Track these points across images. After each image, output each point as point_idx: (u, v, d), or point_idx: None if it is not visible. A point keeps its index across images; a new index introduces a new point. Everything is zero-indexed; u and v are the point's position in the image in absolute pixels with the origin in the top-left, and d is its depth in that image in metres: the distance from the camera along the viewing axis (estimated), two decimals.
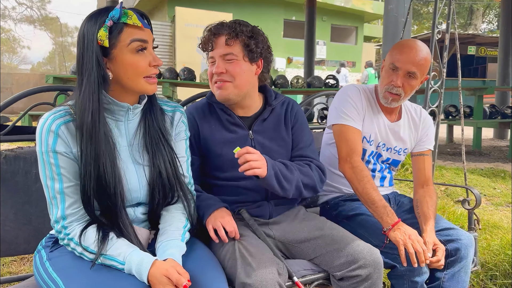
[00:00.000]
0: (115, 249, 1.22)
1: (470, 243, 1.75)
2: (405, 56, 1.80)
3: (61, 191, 1.23)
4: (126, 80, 1.27)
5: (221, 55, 1.57)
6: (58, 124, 1.21)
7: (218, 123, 1.65)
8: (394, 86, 1.83)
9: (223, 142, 1.62)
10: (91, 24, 1.23)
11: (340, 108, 1.90)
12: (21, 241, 1.62)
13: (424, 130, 2.05)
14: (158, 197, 1.35)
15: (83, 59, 1.23)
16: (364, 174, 1.79)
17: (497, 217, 3.94)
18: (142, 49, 1.27)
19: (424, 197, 1.89)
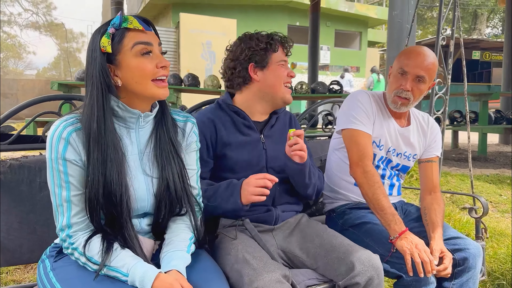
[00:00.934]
0: (119, 260, 1.21)
1: (478, 252, 1.73)
2: (413, 61, 1.83)
3: (68, 199, 1.23)
4: (134, 85, 1.27)
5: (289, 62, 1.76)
6: (69, 132, 1.21)
7: (232, 126, 1.70)
8: (404, 90, 1.84)
9: (238, 144, 1.67)
10: (95, 36, 1.26)
11: (350, 113, 1.90)
12: (25, 250, 1.61)
13: (432, 137, 2.05)
14: (164, 210, 1.35)
15: (90, 69, 1.25)
16: (376, 179, 1.78)
17: (503, 225, 3.90)
18: (147, 52, 1.27)
19: (432, 204, 1.88)
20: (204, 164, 1.62)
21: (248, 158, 1.65)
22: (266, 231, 1.68)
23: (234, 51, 1.72)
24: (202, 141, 1.61)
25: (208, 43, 13.87)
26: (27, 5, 29.31)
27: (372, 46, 23.54)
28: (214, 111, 1.72)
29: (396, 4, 6.22)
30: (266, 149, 1.71)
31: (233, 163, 1.65)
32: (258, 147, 1.70)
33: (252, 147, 1.68)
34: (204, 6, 16.20)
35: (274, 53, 1.69)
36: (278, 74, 1.69)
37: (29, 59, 38.66)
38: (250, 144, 1.68)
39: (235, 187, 1.53)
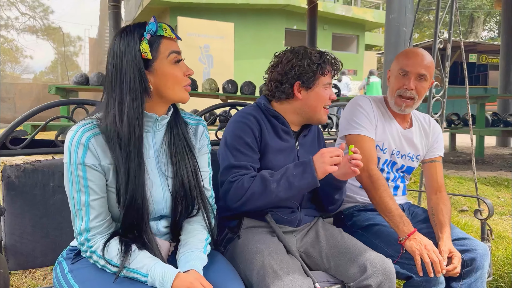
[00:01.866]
0: (138, 261, 1.23)
1: (486, 253, 1.75)
2: (413, 60, 1.88)
3: (87, 204, 1.25)
4: (166, 91, 1.32)
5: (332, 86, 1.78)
6: (88, 137, 1.23)
7: (272, 129, 1.70)
8: (407, 90, 1.88)
9: (277, 149, 1.68)
10: (128, 40, 1.26)
11: (352, 119, 1.93)
12: (38, 254, 1.63)
13: (434, 137, 2.09)
14: (181, 207, 1.37)
15: (121, 73, 1.25)
16: (381, 182, 1.81)
17: (501, 227, 3.93)
18: (178, 60, 1.32)
19: (438, 205, 1.91)
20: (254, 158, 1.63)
21: (283, 164, 1.64)
22: (288, 232, 1.71)
23: (284, 64, 1.69)
24: (252, 136, 1.62)
25: (206, 47, 13.89)
26: (24, 9, 29.27)
27: (370, 50, 23.59)
28: (256, 111, 1.71)
29: (393, 7, 6.27)
30: (299, 156, 1.74)
31: (270, 166, 1.65)
32: (293, 153, 1.72)
33: (288, 153, 1.70)
34: (201, 10, 16.23)
35: (323, 76, 1.69)
36: (321, 97, 1.69)
37: (26, 63, 38.48)
38: (287, 150, 1.70)
39: (306, 164, 1.52)
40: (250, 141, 1.61)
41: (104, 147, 1.25)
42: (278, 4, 17.81)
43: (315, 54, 1.68)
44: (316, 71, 1.66)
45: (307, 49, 1.70)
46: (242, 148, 1.60)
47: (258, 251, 1.50)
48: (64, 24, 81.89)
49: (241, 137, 1.61)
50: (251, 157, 1.61)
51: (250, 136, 1.62)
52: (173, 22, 15.01)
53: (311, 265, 1.69)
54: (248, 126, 1.63)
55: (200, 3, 16.33)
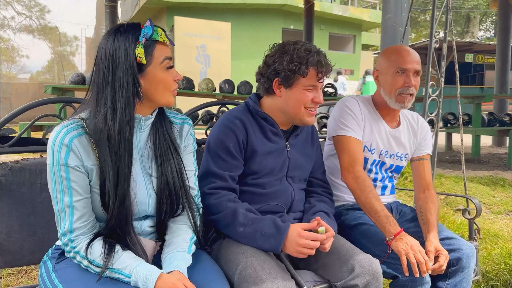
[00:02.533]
0: (121, 262, 1.23)
1: (472, 253, 1.76)
2: (408, 58, 1.88)
3: (70, 205, 1.24)
4: (155, 95, 1.31)
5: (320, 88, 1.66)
6: (71, 138, 1.22)
7: (260, 132, 1.66)
8: (409, 87, 1.88)
9: (265, 152, 1.64)
10: (122, 40, 1.24)
11: (339, 120, 1.93)
12: (26, 252, 1.62)
13: (422, 135, 2.08)
14: (166, 206, 1.37)
15: (114, 73, 1.24)
16: (367, 183, 1.80)
17: (497, 226, 3.93)
18: (170, 66, 1.32)
19: (427, 203, 1.91)
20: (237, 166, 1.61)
21: (272, 166, 1.64)
22: None
23: (269, 57, 1.64)
24: (235, 144, 1.59)
25: (202, 47, 13.89)
26: (20, 8, 29.23)
27: (366, 49, 23.64)
28: (244, 114, 1.67)
29: (390, 7, 6.28)
30: (289, 158, 1.71)
31: (257, 169, 1.64)
32: (283, 155, 1.69)
33: (277, 155, 1.67)
34: (198, 10, 16.22)
35: (302, 77, 1.58)
36: (300, 98, 1.60)
37: (22, 63, 38.47)
38: (276, 152, 1.67)
39: (279, 232, 1.46)
40: (232, 147, 1.58)
41: (87, 148, 1.24)
42: (275, 4, 17.83)
43: (300, 52, 1.57)
44: (294, 70, 1.56)
45: (296, 45, 1.60)
46: (223, 154, 1.58)
47: (242, 251, 1.48)
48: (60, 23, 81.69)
49: (223, 142, 1.58)
50: (230, 164, 1.58)
51: (233, 142, 1.58)
52: (170, 22, 15.01)
53: (300, 264, 1.67)
54: (232, 131, 1.59)
55: (197, 3, 16.33)
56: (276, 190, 1.67)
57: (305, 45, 1.60)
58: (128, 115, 1.24)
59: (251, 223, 1.49)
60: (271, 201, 1.67)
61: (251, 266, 1.41)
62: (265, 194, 1.66)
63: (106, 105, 1.24)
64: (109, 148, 1.22)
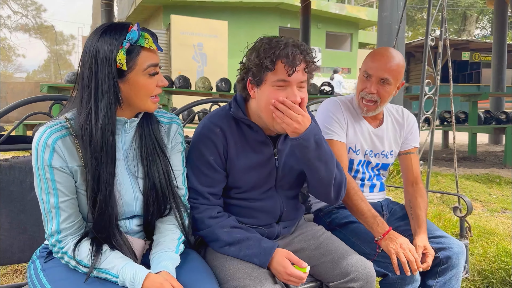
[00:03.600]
0: (109, 262, 1.22)
1: (461, 251, 1.76)
2: (376, 63, 1.84)
3: (56, 205, 1.23)
4: (135, 100, 1.29)
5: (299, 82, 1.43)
6: (55, 139, 1.20)
7: (244, 142, 1.53)
8: (368, 93, 1.85)
9: (249, 166, 1.53)
10: (106, 42, 1.21)
11: (323, 124, 1.90)
12: (16, 250, 1.61)
13: (409, 129, 2.06)
14: (153, 207, 1.35)
15: (96, 76, 1.21)
16: (351, 185, 1.79)
17: (492, 223, 3.94)
18: (155, 73, 1.29)
19: (416, 198, 1.91)
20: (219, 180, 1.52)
21: (255, 180, 1.54)
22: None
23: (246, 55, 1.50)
24: (215, 154, 1.49)
25: (199, 45, 13.86)
26: (16, 7, 29.12)
27: (363, 48, 23.64)
28: (225, 120, 1.52)
29: (386, 5, 6.27)
30: (278, 166, 1.57)
31: (242, 182, 1.55)
32: (269, 165, 1.55)
33: (262, 166, 1.54)
34: (195, 8, 16.18)
35: (269, 72, 1.40)
36: (269, 97, 1.40)
37: (18, 62, 38.35)
38: (261, 164, 1.54)
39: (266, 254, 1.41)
40: (213, 159, 1.49)
41: (71, 149, 1.23)
42: (271, 2, 17.81)
43: (267, 46, 1.41)
44: (259, 65, 1.40)
45: (264, 39, 1.46)
46: (203, 168, 1.49)
47: (229, 259, 1.46)
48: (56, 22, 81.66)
49: (204, 155, 1.49)
50: (212, 178, 1.50)
51: (213, 154, 1.49)
52: (166, 20, 14.97)
53: None
54: (212, 142, 1.48)
55: (193, 1, 16.30)
56: (262, 205, 1.58)
57: (275, 39, 1.45)
58: (110, 120, 1.23)
59: (236, 242, 1.44)
60: (258, 215, 1.59)
61: (239, 275, 1.39)
62: (252, 208, 1.58)
63: (88, 106, 1.22)
64: (90, 152, 1.21)
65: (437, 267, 1.73)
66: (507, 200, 4.93)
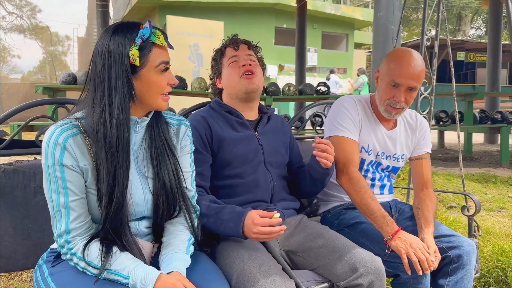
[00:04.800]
0: (119, 263, 1.21)
1: (472, 249, 1.75)
2: (405, 72, 1.79)
3: (66, 205, 1.22)
4: (147, 97, 1.30)
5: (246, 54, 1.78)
6: (66, 137, 1.20)
7: (226, 124, 1.75)
8: (397, 102, 1.84)
9: (233, 140, 1.71)
10: (118, 40, 1.23)
11: (336, 120, 1.91)
12: (20, 256, 1.60)
13: (421, 134, 2.06)
14: (162, 208, 1.36)
15: (109, 73, 1.22)
16: (361, 184, 1.80)
17: (489, 223, 3.97)
18: (166, 69, 1.30)
19: (424, 200, 1.91)
20: (203, 159, 1.65)
21: (244, 152, 1.69)
22: None
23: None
24: (198, 138, 1.65)
25: (195, 46, 13.84)
26: (11, 8, 28.92)
27: (359, 48, 23.69)
28: (206, 111, 1.78)
29: (381, 5, 6.29)
30: (262, 144, 1.76)
31: (230, 158, 1.68)
32: (254, 142, 1.75)
33: (247, 142, 1.73)
34: (190, 9, 16.16)
35: (222, 58, 1.80)
36: (229, 73, 1.77)
37: (13, 63, 38.04)
38: (246, 139, 1.73)
39: (238, 217, 1.47)
40: (198, 146, 1.64)
41: (82, 148, 1.23)
42: (267, 2, 17.81)
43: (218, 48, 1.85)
44: (215, 59, 1.84)
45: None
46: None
47: (237, 255, 1.48)
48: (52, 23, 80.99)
49: None
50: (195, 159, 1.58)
51: (196, 137, 1.64)
52: (162, 21, 14.95)
53: (299, 264, 1.67)
54: (194, 127, 1.65)
55: (189, 2, 16.28)
56: (254, 178, 1.70)
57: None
58: (125, 116, 1.24)
59: (213, 213, 1.52)
60: (252, 189, 1.69)
61: (248, 269, 1.41)
62: (244, 184, 1.68)
63: (102, 103, 1.23)
64: (105, 148, 1.21)
65: (448, 266, 1.72)
66: (503, 199, 4.96)
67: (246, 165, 1.70)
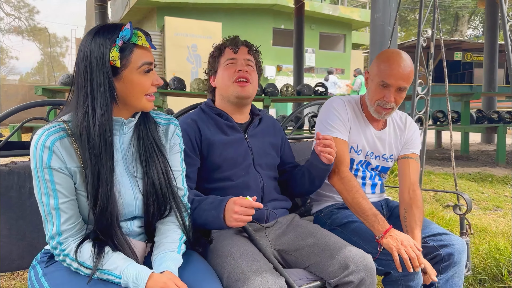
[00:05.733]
0: (111, 263, 1.23)
1: (463, 248, 1.77)
2: (395, 72, 1.82)
3: (57, 207, 1.23)
4: (130, 98, 1.30)
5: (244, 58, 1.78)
6: (53, 141, 1.21)
7: (216, 127, 1.76)
8: (387, 102, 1.86)
9: (222, 143, 1.72)
10: (99, 41, 1.23)
11: (326, 121, 1.93)
12: (15, 256, 1.61)
13: (409, 135, 2.08)
14: (153, 207, 1.37)
15: (91, 75, 1.23)
16: (353, 184, 1.81)
17: (485, 221, 3.99)
18: (149, 70, 1.31)
19: (411, 208, 1.86)
20: (190, 163, 1.66)
21: (233, 155, 1.71)
22: (259, 230, 1.70)
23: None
24: (187, 141, 1.66)
25: (193, 47, 13.87)
26: (9, 9, 28.94)
27: (356, 49, 23.74)
28: (197, 114, 1.80)
29: (378, 6, 6.31)
30: (251, 147, 1.78)
31: (219, 161, 1.70)
32: (243, 145, 1.76)
33: (237, 145, 1.74)
34: (189, 10, 16.18)
35: (220, 57, 1.80)
36: (224, 74, 1.76)
37: (11, 64, 38.11)
38: (235, 143, 1.75)
39: (220, 204, 1.50)
40: (187, 149, 1.65)
41: (69, 150, 1.24)
42: (265, 3, 17.84)
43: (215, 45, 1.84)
44: (213, 56, 1.82)
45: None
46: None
47: (228, 254, 1.49)
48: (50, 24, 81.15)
49: None
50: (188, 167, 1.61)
51: (187, 145, 1.66)
52: (160, 22, 14.96)
53: (291, 263, 1.68)
54: (185, 132, 1.67)
55: (187, 3, 16.29)
56: (244, 180, 1.72)
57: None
58: (107, 117, 1.24)
59: (197, 204, 1.56)
60: (241, 192, 1.66)
61: (239, 267, 1.43)
62: (235, 186, 1.70)
63: (84, 105, 1.24)
64: (88, 150, 1.22)
65: (439, 264, 1.74)
66: (499, 198, 4.99)
67: (235, 168, 1.71)
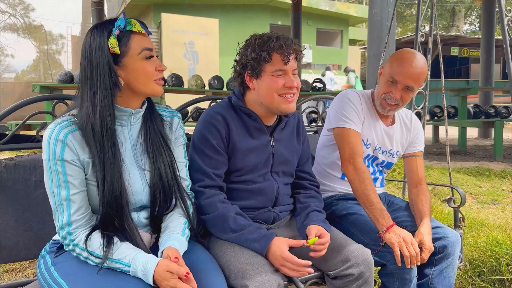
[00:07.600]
0: (120, 252, 1.26)
1: (457, 240, 1.83)
2: (405, 71, 1.85)
3: (68, 198, 1.27)
4: (137, 85, 1.34)
5: (293, 69, 1.61)
6: (66, 133, 1.26)
7: (243, 128, 1.66)
8: (392, 98, 1.90)
9: (247, 149, 1.65)
10: (97, 35, 1.29)
11: (341, 112, 1.96)
12: (22, 247, 1.64)
13: (415, 133, 2.13)
14: (160, 199, 1.40)
15: (92, 68, 1.28)
16: (366, 175, 1.84)
17: (483, 215, 4.03)
18: (150, 56, 1.35)
19: (418, 196, 1.97)
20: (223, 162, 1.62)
21: (255, 162, 1.66)
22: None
23: (240, 53, 1.66)
24: (219, 140, 1.60)
25: (190, 43, 13.85)
26: (4, 7, 28.77)
27: (353, 44, 23.75)
28: (226, 110, 1.66)
29: (376, 2, 6.33)
30: (274, 153, 1.71)
31: (240, 166, 1.65)
32: (267, 151, 1.69)
33: (260, 151, 1.67)
34: (185, 6, 16.15)
35: (267, 63, 1.57)
36: (270, 85, 1.58)
37: (7, 62, 37.81)
38: (259, 148, 1.67)
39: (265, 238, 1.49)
40: (216, 143, 1.59)
41: (81, 142, 1.28)
42: None
43: (260, 41, 1.59)
44: (257, 58, 1.57)
45: (256, 35, 1.63)
46: (208, 151, 1.60)
47: (229, 246, 1.52)
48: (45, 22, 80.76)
49: (208, 139, 1.60)
50: (216, 160, 1.60)
51: (216, 138, 1.60)
52: (157, 19, 14.93)
53: None
54: (215, 127, 1.59)
55: (183, 0, 16.26)
56: (260, 187, 1.68)
57: (266, 34, 1.63)
58: (108, 104, 1.28)
59: (239, 228, 1.52)
60: (256, 197, 1.68)
61: (239, 259, 1.46)
62: (250, 190, 1.67)
63: (87, 99, 1.29)
64: (93, 138, 1.27)
65: (433, 256, 1.79)
66: (497, 192, 5.03)
67: (254, 173, 1.67)
